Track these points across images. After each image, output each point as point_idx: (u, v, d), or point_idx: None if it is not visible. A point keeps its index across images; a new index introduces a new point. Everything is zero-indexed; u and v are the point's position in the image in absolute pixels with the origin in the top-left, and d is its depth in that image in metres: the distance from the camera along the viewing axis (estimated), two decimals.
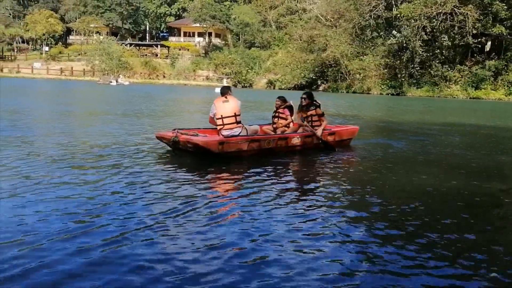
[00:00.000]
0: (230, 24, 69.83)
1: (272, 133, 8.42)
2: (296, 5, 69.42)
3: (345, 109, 22.99)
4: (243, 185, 5.47)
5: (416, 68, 52.91)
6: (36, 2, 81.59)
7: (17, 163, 6.03)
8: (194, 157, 7.05)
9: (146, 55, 70.75)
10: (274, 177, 5.98)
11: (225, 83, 43.22)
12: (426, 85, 52.43)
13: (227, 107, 7.40)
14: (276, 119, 8.69)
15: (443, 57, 52.14)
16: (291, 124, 8.53)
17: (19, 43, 74.88)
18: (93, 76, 60.39)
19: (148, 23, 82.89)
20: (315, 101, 8.56)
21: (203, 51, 69.89)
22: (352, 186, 5.70)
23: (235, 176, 6.01)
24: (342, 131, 9.16)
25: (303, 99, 8.54)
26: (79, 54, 68.37)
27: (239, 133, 7.42)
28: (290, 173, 6.66)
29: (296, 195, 5.12)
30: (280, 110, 8.61)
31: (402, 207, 4.74)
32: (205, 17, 67.26)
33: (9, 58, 70.29)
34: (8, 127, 9.71)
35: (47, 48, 71.02)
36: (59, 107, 16.81)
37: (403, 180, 6.19)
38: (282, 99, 8.73)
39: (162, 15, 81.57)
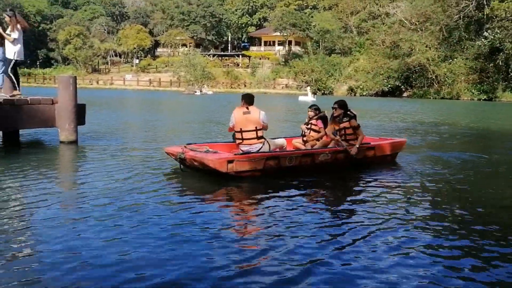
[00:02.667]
0: (310, 31, 69.64)
1: (303, 147, 7.49)
2: (378, 9, 67.60)
3: (432, 116, 21.87)
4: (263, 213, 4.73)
5: None
6: (127, 18, 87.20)
7: (114, 173, 6.43)
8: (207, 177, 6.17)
9: (228, 65, 72.69)
10: (300, 201, 5.18)
11: (308, 91, 42.71)
12: None
13: (247, 119, 6.53)
14: (307, 131, 7.70)
15: None
16: (324, 138, 7.51)
17: (113, 56, 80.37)
18: (179, 86, 63.14)
19: (230, 34, 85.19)
20: (350, 111, 7.42)
21: (283, 60, 70.32)
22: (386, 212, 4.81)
23: (252, 202, 5.18)
24: (384, 145, 7.77)
25: (334, 109, 7.45)
26: (166, 66, 71.99)
27: (259, 149, 6.50)
28: (317, 196, 5.67)
29: (323, 222, 4.42)
30: (313, 122, 7.64)
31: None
32: (285, 25, 67.76)
33: (104, 71, 75.85)
34: (116, 136, 10.41)
35: (137, 61, 75.70)
36: (153, 116, 17.76)
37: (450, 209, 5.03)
38: (315, 108, 7.80)
39: (243, 25, 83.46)
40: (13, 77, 9.16)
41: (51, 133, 10.39)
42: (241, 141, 6.54)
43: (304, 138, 7.65)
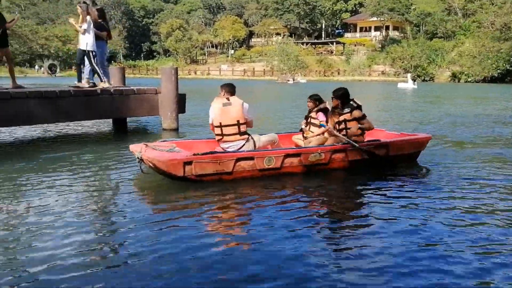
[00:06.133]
0: (409, 15, 66.15)
1: (303, 143, 6.46)
2: None
3: None
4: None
5: None
6: (223, 9, 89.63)
7: None
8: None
9: (321, 53, 71.70)
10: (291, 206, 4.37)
11: (408, 77, 40.52)
12: None
13: (227, 112, 5.60)
14: (306, 126, 6.58)
15: None
16: (326, 133, 6.31)
17: (209, 47, 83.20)
18: (272, 75, 63.65)
19: (323, 21, 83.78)
20: (352, 100, 6.13)
21: (379, 46, 67.68)
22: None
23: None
24: (401, 142, 6.28)
25: (332, 99, 6.21)
26: (259, 56, 72.90)
27: (241, 146, 5.60)
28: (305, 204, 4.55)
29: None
30: (312, 114, 6.47)
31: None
32: (383, 10, 65.06)
33: (201, 62, 78.88)
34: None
35: (232, 51, 77.68)
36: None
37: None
38: (315, 99, 6.55)
39: (337, 12, 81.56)
40: (87, 68, 9.24)
41: (154, 121, 10.99)
42: (221, 137, 5.66)
43: (304, 135, 6.58)
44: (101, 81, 9.25)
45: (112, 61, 67.27)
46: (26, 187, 4.99)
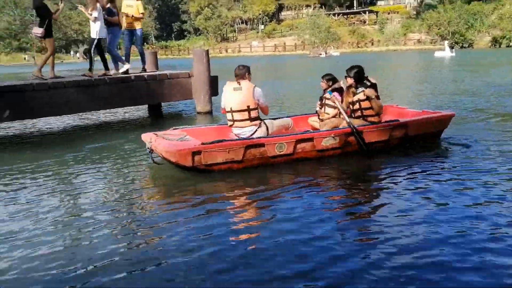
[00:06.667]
0: None
1: (319, 126, 6.13)
2: None
3: None
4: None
5: None
6: None
7: None
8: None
9: (353, 23, 69.99)
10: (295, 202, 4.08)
11: (446, 45, 38.68)
12: None
13: (236, 97, 5.41)
14: (321, 108, 6.26)
15: None
16: (342, 115, 5.86)
17: (239, 24, 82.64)
18: (304, 49, 62.77)
19: None
20: (367, 78, 5.81)
21: (414, 12, 65.41)
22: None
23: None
24: (421, 121, 5.94)
25: (346, 78, 5.93)
26: (290, 29, 71.93)
27: (253, 133, 5.42)
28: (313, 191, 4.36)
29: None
30: (326, 95, 6.14)
31: None
32: None
33: (232, 39, 78.55)
34: None
35: (262, 27, 76.84)
36: (281, 84, 17.94)
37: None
38: (328, 79, 6.25)
39: None
40: (96, 57, 9.13)
41: (188, 105, 11.09)
42: (232, 123, 5.51)
43: (320, 117, 6.26)
44: (107, 69, 9.22)
45: (145, 43, 67.95)
46: (72, 176, 5.18)
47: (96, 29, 8.82)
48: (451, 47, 39.29)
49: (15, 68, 49.82)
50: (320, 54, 50.01)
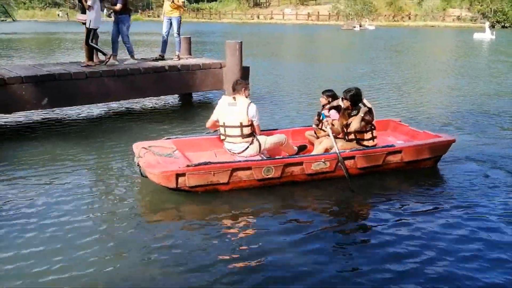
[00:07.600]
0: None
1: (316, 142, 5.92)
2: None
3: None
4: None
5: None
6: None
7: None
8: None
9: None
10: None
11: (486, 26, 35.49)
12: None
13: (230, 113, 5.38)
14: (319, 124, 5.97)
15: None
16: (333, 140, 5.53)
17: None
18: (337, 20, 61.26)
19: None
20: (361, 101, 5.56)
21: None
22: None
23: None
24: (416, 147, 5.68)
25: (342, 100, 5.67)
26: None
27: (244, 149, 5.41)
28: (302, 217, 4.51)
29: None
30: (325, 112, 5.83)
31: None
32: None
33: (264, 5, 77.07)
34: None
35: None
36: (310, 66, 17.74)
37: None
38: (328, 95, 6.04)
39: None
40: (95, 46, 8.98)
41: (217, 94, 11.21)
42: (224, 137, 5.50)
43: (317, 134, 6.08)
44: (104, 54, 9.07)
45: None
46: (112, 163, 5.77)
47: (90, 18, 8.60)
48: (492, 26, 37.55)
49: (50, 26, 50.48)
50: (354, 27, 48.75)
